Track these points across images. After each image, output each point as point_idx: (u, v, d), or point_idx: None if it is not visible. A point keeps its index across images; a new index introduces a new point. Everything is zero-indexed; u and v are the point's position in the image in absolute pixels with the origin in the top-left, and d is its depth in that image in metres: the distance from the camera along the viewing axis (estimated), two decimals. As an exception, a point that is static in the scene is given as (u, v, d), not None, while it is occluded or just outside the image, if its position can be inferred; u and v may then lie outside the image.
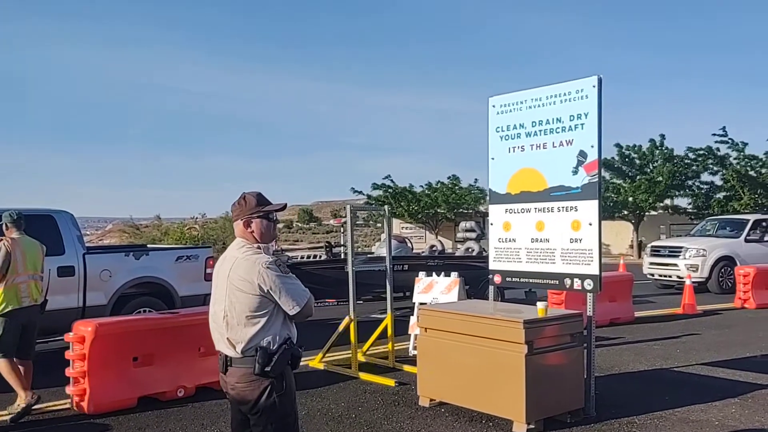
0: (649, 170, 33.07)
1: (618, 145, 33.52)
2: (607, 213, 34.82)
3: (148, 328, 6.47)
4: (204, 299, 8.83)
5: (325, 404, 6.23)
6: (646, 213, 34.79)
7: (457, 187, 41.52)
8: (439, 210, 41.48)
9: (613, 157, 33.91)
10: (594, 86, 5.87)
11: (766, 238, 17.05)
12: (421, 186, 43.03)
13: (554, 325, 5.56)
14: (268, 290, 3.10)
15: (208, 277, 9.22)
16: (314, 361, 7.82)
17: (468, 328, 5.67)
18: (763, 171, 30.32)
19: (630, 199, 33.20)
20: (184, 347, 6.50)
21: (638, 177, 33.12)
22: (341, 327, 7.65)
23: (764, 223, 17.45)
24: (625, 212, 34.75)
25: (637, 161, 33.73)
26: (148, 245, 12.33)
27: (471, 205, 40.41)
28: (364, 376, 7.19)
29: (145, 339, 6.34)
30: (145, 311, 8.37)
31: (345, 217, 8.14)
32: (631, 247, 34.95)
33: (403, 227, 44.77)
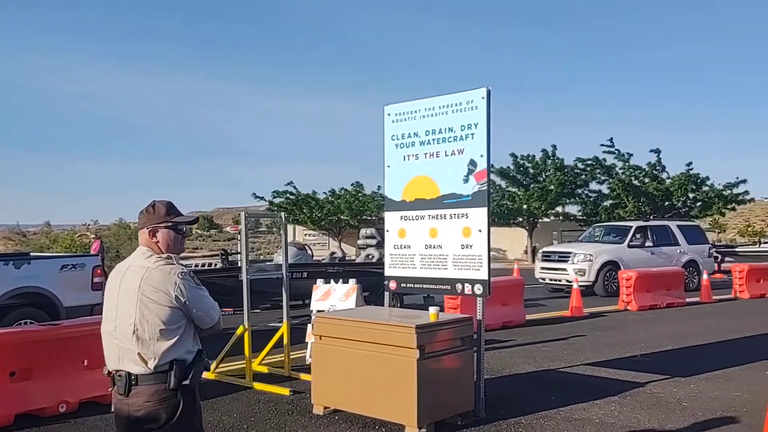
0: (541, 179, 34.51)
1: (513, 155, 34.88)
2: (503, 220, 36.10)
3: (26, 341, 6.10)
4: (91, 309, 8.45)
5: (216, 416, 6.09)
6: (540, 220, 36.34)
7: (360, 194, 41.78)
8: (342, 217, 41.56)
9: (508, 166, 35.23)
10: (483, 97, 6.07)
11: (647, 244, 18.16)
12: (325, 193, 43.03)
13: (445, 329, 5.67)
14: (185, 302, 2.97)
15: (96, 287, 8.83)
16: (207, 372, 7.63)
17: (362, 334, 5.70)
18: (646, 181, 32.27)
19: (524, 206, 34.55)
20: (66, 360, 6.18)
21: (532, 185, 34.51)
22: (235, 336, 7.51)
23: (646, 230, 18.58)
24: (520, 219, 36.14)
25: (531, 170, 35.14)
26: (32, 253, 11.67)
27: (374, 212, 40.74)
28: (258, 386, 7.09)
29: (23, 352, 5.98)
30: (26, 323, 7.91)
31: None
32: (526, 252, 36.31)
33: (306, 234, 44.56)
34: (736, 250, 22.15)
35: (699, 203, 32.36)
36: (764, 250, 21.31)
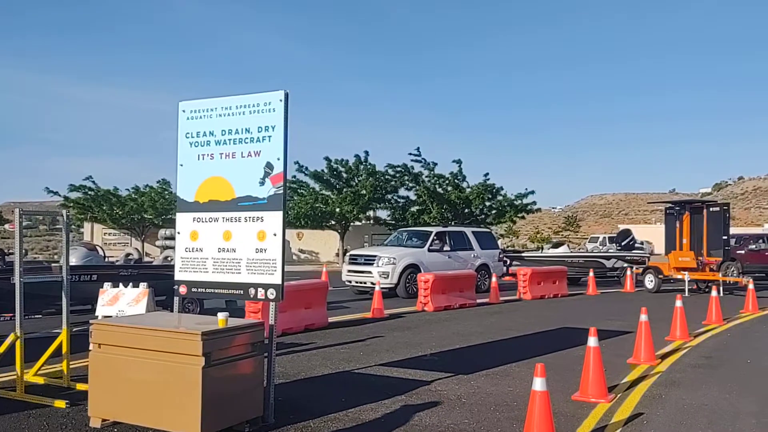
0: (354, 183, 35.37)
1: (327, 159, 35.39)
2: (316, 223, 36.47)
3: None
4: None
5: (-25, 435, 5.48)
6: (352, 223, 37.19)
7: (166, 192, 39.96)
8: (146, 216, 39.48)
9: (322, 170, 35.69)
10: (281, 100, 6.05)
11: (444, 248, 19.25)
12: (128, 189, 40.63)
13: (235, 335, 5.56)
14: None
15: None
16: (-30, 386, 6.85)
17: (145, 342, 5.42)
18: (449, 189, 34.28)
19: (337, 209, 35.18)
20: None
21: (345, 189, 35.23)
22: (4, 346, 6.81)
23: (444, 235, 19.68)
24: (333, 222, 36.74)
25: (344, 175, 35.88)
26: None
27: (181, 212, 39.13)
28: (31, 398, 6.48)
29: None
30: None
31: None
32: (338, 255, 36.95)
33: (106, 233, 41.80)
34: (523, 255, 24.17)
35: (494, 211, 35.01)
36: (546, 255, 23.46)
